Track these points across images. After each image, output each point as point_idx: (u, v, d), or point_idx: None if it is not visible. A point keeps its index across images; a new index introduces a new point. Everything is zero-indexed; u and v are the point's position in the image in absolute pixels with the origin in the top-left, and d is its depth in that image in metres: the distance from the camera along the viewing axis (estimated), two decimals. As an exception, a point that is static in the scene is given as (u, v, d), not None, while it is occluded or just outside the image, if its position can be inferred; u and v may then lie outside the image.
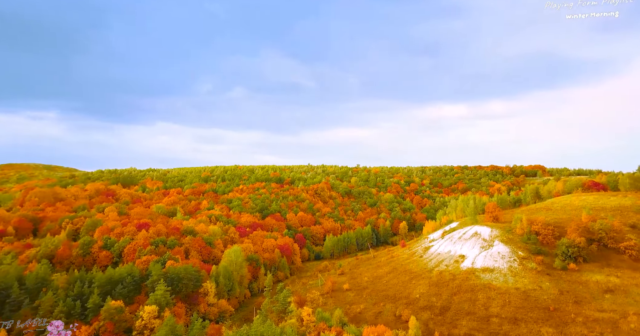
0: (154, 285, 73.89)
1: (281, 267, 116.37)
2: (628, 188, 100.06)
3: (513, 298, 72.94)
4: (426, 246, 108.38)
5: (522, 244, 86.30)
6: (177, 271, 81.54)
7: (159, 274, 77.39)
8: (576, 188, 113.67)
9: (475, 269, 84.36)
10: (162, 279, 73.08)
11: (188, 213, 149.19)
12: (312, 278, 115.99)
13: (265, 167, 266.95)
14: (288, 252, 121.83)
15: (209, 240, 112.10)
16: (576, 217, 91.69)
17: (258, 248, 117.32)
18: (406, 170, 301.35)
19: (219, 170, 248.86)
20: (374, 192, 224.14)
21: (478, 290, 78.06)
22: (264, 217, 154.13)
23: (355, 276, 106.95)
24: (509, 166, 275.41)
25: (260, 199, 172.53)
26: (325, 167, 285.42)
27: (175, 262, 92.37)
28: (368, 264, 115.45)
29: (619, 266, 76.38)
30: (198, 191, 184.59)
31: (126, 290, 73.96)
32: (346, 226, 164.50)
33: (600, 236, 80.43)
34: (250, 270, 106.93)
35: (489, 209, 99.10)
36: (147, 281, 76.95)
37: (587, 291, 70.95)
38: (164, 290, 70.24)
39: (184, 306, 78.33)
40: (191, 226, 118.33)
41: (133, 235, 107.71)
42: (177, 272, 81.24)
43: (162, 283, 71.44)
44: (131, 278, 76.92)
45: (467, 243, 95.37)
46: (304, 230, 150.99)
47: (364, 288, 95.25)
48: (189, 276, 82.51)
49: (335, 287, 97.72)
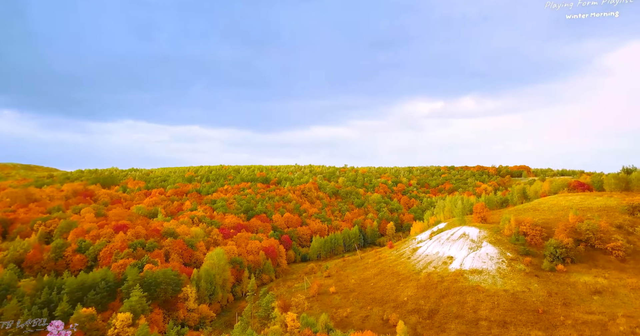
0: (130, 291, 69.77)
1: (266, 270, 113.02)
2: (613, 188, 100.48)
3: (502, 301, 71.60)
4: (414, 247, 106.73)
5: (511, 245, 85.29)
6: (155, 276, 77.49)
7: (135, 279, 73.22)
8: (562, 188, 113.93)
9: (464, 271, 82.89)
10: (138, 284, 68.98)
11: (170, 214, 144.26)
12: (297, 280, 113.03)
13: (252, 167, 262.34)
14: (273, 254, 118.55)
15: (190, 242, 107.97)
16: (563, 217, 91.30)
17: (242, 250, 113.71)
18: (393, 170, 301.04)
19: (204, 170, 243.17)
20: (362, 192, 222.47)
21: (467, 292, 76.51)
22: (249, 218, 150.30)
23: (342, 278, 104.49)
24: (494, 167, 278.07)
25: (246, 199, 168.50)
26: (313, 167, 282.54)
27: (154, 266, 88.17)
28: (355, 266, 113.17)
29: (606, 266, 75.94)
30: (181, 192, 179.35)
31: (99, 296, 69.61)
32: (333, 227, 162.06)
33: (587, 237, 79.98)
34: (234, 273, 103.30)
35: (477, 210, 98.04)
36: (122, 287, 72.74)
37: (575, 293, 70.11)
38: (140, 296, 66.26)
39: (162, 313, 74.38)
40: (172, 227, 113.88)
41: (110, 237, 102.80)
42: (154, 276, 77.20)
43: (138, 288, 67.42)
44: (105, 284, 72.58)
45: (455, 244, 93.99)
46: (290, 231, 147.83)
47: (351, 291, 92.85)
48: (167, 281, 78.55)
49: (321, 290, 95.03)
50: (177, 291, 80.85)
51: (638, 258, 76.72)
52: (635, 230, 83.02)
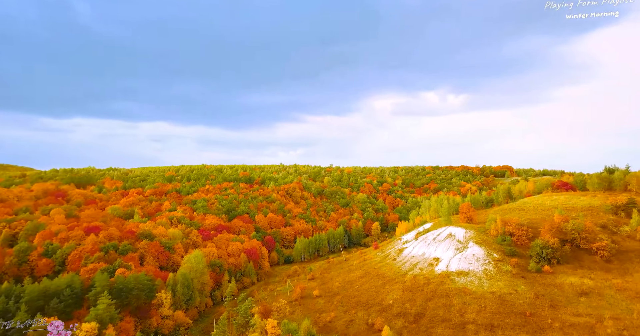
0: (97, 298, 64.77)
1: (247, 272, 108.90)
2: (596, 188, 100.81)
3: (489, 303, 69.89)
4: (399, 248, 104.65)
5: (497, 245, 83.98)
6: (126, 281, 72.57)
7: (103, 285, 68.22)
8: (546, 188, 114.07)
9: (450, 273, 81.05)
10: (106, 290, 64.09)
11: (147, 215, 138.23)
12: (280, 283, 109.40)
13: (234, 166, 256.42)
14: (255, 256, 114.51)
15: (167, 244, 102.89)
16: (548, 217, 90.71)
17: (222, 253, 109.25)
18: (379, 170, 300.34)
19: (185, 169, 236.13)
20: (347, 192, 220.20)
21: (453, 294, 74.60)
22: (231, 219, 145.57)
23: (326, 281, 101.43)
24: (478, 167, 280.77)
25: (228, 200, 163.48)
26: (298, 166, 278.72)
27: (127, 270, 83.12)
28: (340, 268, 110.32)
29: (591, 267, 75.31)
30: (160, 192, 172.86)
31: (63, 305, 64.38)
32: (318, 228, 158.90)
33: (572, 237, 79.32)
34: (213, 277, 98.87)
35: (463, 210, 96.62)
36: (89, 294, 67.64)
37: (562, 295, 69.02)
38: (108, 304, 61.44)
39: (133, 321, 69.56)
40: (149, 229, 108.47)
41: (80, 240, 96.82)
42: (126, 282, 72.28)
43: (106, 295, 62.56)
44: (70, 290, 67.31)
45: (441, 245, 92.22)
46: (273, 232, 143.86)
47: (335, 294, 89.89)
48: (140, 286, 73.73)
49: (304, 293, 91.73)
50: (151, 297, 76.12)
51: (622, 258, 76.38)
52: (619, 230, 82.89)
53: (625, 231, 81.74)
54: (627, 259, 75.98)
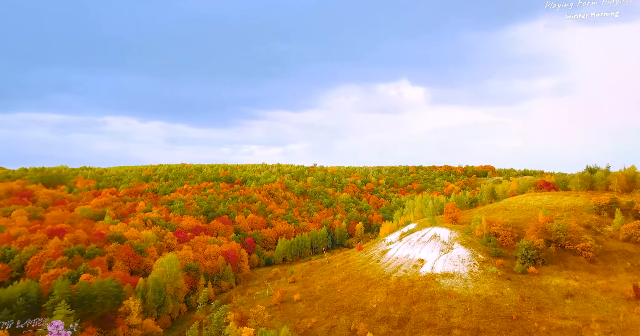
0: (54, 308, 58.99)
1: (225, 276, 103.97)
2: (579, 188, 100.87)
3: (474, 307, 67.70)
4: (383, 250, 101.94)
5: (482, 246, 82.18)
6: (89, 288, 66.85)
7: (63, 293, 62.42)
8: (529, 187, 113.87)
9: (435, 275, 78.69)
10: (64, 300, 58.40)
11: (120, 216, 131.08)
12: (260, 287, 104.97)
13: (215, 165, 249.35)
14: (234, 259, 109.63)
15: (140, 247, 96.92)
16: (533, 217, 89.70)
17: (199, 255, 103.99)
18: (362, 170, 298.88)
19: (163, 168, 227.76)
20: (331, 192, 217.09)
21: (438, 298, 72.14)
22: (210, 220, 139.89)
23: (307, 284, 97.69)
24: (461, 167, 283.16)
25: (207, 200, 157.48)
26: (281, 166, 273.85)
27: (93, 275, 77.14)
28: (322, 271, 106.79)
29: (576, 268, 74.29)
30: (136, 191, 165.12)
31: (15, 315, 58.36)
32: (300, 229, 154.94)
33: (557, 237, 78.23)
34: (188, 281, 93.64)
35: (448, 210, 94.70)
36: (47, 303, 61.75)
37: (548, 297, 67.51)
38: (66, 314, 55.83)
39: (96, 331, 64.02)
40: (120, 231, 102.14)
41: (42, 244, 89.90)
42: (89, 289, 66.57)
43: (63, 305, 56.92)
44: (24, 300, 61.29)
45: (426, 246, 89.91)
46: (254, 234, 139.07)
47: (317, 298, 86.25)
48: (105, 293, 68.11)
49: (284, 298, 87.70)
50: (118, 304, 70.58)
51: (606, 258, 75.69)
52: (602, 230, 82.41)
53: (608, 231, 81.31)
54: (611, 259, 75.32)
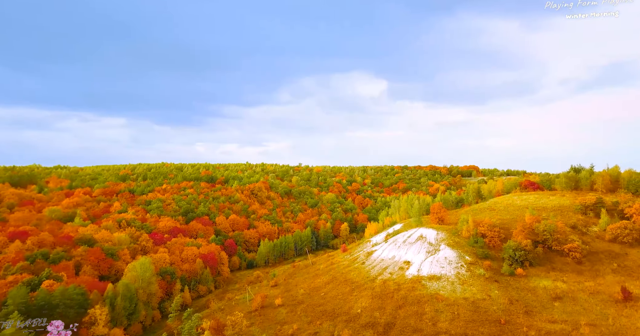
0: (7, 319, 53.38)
1: (203, 280, 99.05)
2: (564, 187, 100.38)
3: (462, 310, 65.28)
4: (368, 251, 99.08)
5: (469, 247, 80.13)
6: (49, 297, 61.31)
7: (18, 303, 56.80)
8: (515, 187, 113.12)
9: (422, 277, 76.12)
10: (16, 311, 52.92)
11: (93, 217, 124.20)
12: (240, 291, 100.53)
13: (196, 165, 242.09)
14: (213, 262, 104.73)
15: (111, 251, 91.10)
16: (519, 217, 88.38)
17: (176, 258, 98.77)
18: (348, 169, 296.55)
19: (142, 168, 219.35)
20: (316, 192, 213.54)
21: (425, 301, 69.52)
22: (189, 221, 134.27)
23: (290, 287, 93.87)
24: (446, 167, 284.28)
25: (186, 200, 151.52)
26: (265, 165, 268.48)
27: (57, 282, 71.36)
28: (305, 273, 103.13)
29: (563, 269, 72.96)
30: (111, 191, 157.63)
31: (-38, 330, 52.44)
32: (284, 229, 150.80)
33: (544, 238, 76.83)
34: (163, 286, 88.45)
35: (435, 210, 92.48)
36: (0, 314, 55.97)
37: (536, 300, 65.72)
38: (17, 327, 50.47)
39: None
40: (89, 233, 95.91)
41: (2, 247, 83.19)
42: (49, 298, 61.04)
43: (16, 315, 51.51)
44: (-26, 311, 55.34)
45: (412, 248, 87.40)
46: (235, 235, 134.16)
47: (299, 303, 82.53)
48: (67, 302, 62.67)
49: (265, 303, 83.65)
50: (82, 314, 65.11)
51: (593, 259, 74.67)
52: (588, 230, 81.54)
53: (594, 231, 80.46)
54: (598, 260, 74.34)
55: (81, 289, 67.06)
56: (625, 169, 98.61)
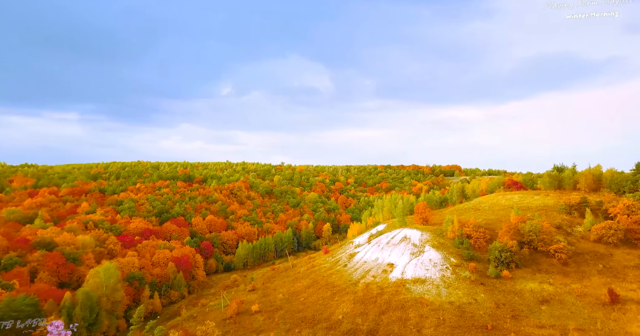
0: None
1: (176, 285, 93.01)
2: (547, 187, 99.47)
3: (447, 315, 62.20)
4: (351, 253, 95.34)
5: (454, 249, 77.40)
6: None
7: (-46, 318, 49.96)
8: (498, 186, 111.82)
9: (406, 281, 72.82)
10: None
11: (57, 219, 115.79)
12: (216, 296, 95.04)
13: (174, 163, 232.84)
14: (187, 265, 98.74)
15: (73, 255, 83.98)
16: (505, 217, 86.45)
17: (146, 262, 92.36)
18: (331, 169, 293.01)
19: (116, 166, 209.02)
20: (298, 191, 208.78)
21: (409, 306, 66.17)
22: (163, 222, 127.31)
23: (268, 292, 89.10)
24: (429, 166, 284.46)
25: (161, 200, 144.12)
26: (246, 164, 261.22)
27: (6, 291, 64.33)
28: (285, 277, 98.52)
29: (549, 271, 71.03)
30: (80, 191, 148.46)
31: None
32: (264, 231, 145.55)
33: (530, 239, 74.79)
34: (130, 292, 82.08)
35: (419, 210, 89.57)
36: None
37: (523, 303, 63.31)
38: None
39: (0, 363, 52.02)
40: (50, 236, 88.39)
41: (-53, 253, 75.13)
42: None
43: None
44: None
45: (396, 249, 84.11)
46: (212, 237, 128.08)
47: (278, 309, 77.92)
48: (15, 314, 56.02)
49: (241, 309, 78.69)
50: (33, 327, 58.43)
51: (579, 260, 73.08)
52: (573, 230, 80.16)
53: (579, 231, 79.13)
54: (583, 261, 72.79)
55: (32, 299, 60.38)
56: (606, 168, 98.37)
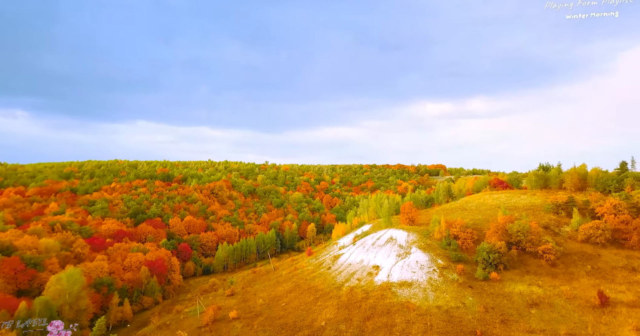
0: None
1: (149, 290, 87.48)
2: (534, 186, 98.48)
3: (435, 321, 59.26)
4: (335, 255, 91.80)
5: (442, 250, 74.77)
6: None
7: None
8: (484, 186, 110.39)
9: (392, 284, 69.70)
10: None
11: (22, 220, 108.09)
12: (192, 301, 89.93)
13: (153, 162, 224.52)
14: (162, 269, 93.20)
15: (34, 260, 77.52)
16: (492, 217, 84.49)
17: (117, 266, 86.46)
18: (317, 168, 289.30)
19: (91, 165, 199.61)
20: (282, 191, 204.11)
21: (395, 311, 63.00)
22: (138, 223, 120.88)
23: (248, 297, 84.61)
24: (414, 165, 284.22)
25: (137, 200, 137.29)
26: (229, 163, 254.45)
27: (-47, 302, 57.96)
28: (266, 280, 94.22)
29: (538, 272, 69.17)
30: (49, 191, 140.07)
31: None
32: (246, 232, 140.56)
33: (518, 239, 72.78)
34: (98, 299, 76.26)
35: (405, 210, 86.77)
36: None
37: (512, 307, 60.99)
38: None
39: (-62, 385, 46.10)
40: (8, 239, 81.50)
41: None
42: None
43: None
44: None
45: (381, 250, 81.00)
46: (191, 238, 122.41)
47: (257, 315, 73.61)
48: (-41, 329, 49.95)
49: (218, 315, 74.12)
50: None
51: (567, 261, 71.49)
52: (560, 230, 78.74)
53: (567, 231, 77.76)
54: (571, 262, 71.24)
55: (-19, 310, 54.41)
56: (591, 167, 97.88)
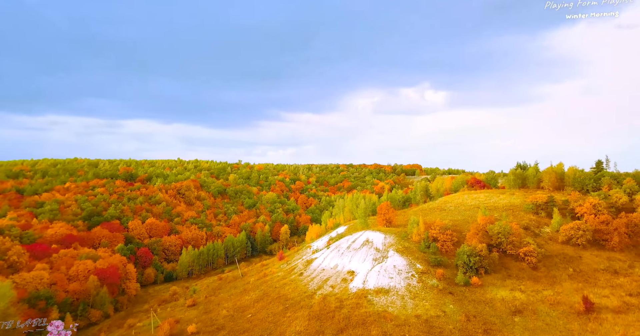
0: None
1: (97, 303, 77.90)
2: (512, 185, 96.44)
3: (414, 332, 54.23)
4: (308, 259, 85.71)
5: (420, 253, 70.14)
6: None
7: None
8: (462, 185, 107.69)
9: (368, 291, 64.34)
10: None
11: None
12: (148, 313, 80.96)
13: (115, 161, 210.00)
14: (114, 278, 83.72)
15: (-43, 271, 66.60)
16: (471, 218, 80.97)
17: (60, 276, 76.44)
18: (292, 167, 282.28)
19: (46, 163, 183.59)
20: (255, 191, 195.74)
21: (371, 322, 57.52)
22: (92, 227, 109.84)
23: (211, 308, 76.98)
24: (390, 165, 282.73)
25: (92, 201, 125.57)
26: (199, 162, 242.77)
27: None
28: (233, 288, 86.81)
29: (519, 276, 65.81)
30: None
31: None
32: (214, 235, 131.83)
33: (499, 241, 69.23)
34: (33, 315, 66.24)
35: (382, 211, 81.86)
36: None
37: (495, 314, 56.94)
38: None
39: None
40: None
41: None
42: None
43: None
44: None
45: (357, 254, 75.59)
46: (152, 242, 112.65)
47: (219, 329, 66.29)
48: None
49: (175, 330, 66.21)
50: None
51: (548, 263, 68.58)
52: (541, 231, 75.99)
53: (547, 232, 75.11)
54: (553, 265, 68.41)
55: None
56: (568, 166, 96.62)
